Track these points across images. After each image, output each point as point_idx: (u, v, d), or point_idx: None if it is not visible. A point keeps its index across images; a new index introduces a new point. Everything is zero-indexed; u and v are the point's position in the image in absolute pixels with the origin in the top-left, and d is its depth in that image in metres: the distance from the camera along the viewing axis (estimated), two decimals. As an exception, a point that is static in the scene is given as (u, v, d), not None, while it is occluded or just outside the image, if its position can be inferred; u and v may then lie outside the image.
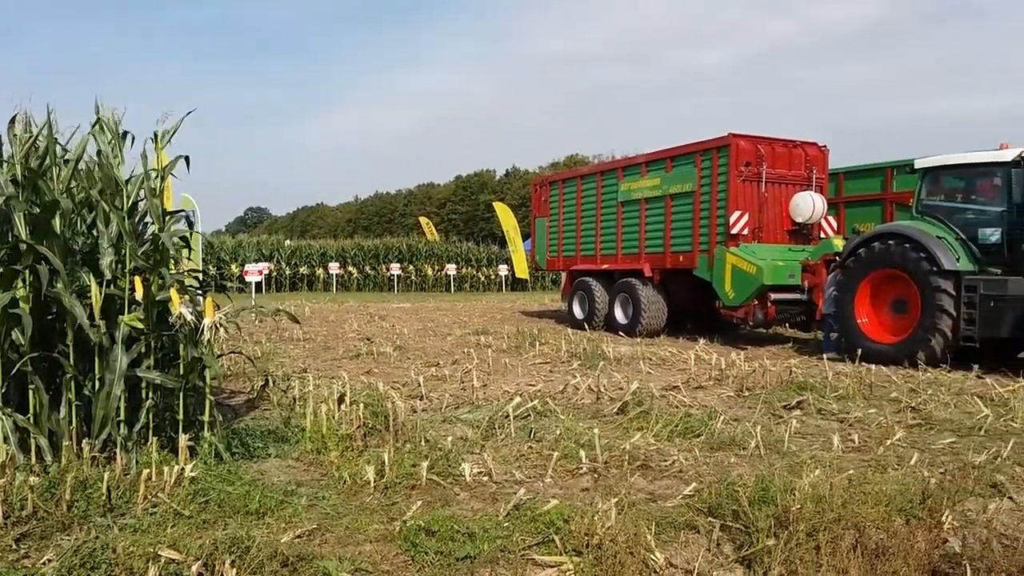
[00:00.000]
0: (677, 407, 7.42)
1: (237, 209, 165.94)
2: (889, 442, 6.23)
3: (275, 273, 35.20)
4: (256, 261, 32.99)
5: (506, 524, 4.15)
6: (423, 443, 5.78)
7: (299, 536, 4.02)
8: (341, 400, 6.26)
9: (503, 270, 38.81)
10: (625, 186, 16.17)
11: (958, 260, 10.51)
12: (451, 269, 37.95)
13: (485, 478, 5.08)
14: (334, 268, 35.69)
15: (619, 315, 15.80)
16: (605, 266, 16.72)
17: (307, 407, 6.18)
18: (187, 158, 5.71)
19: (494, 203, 39.20)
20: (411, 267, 38.25)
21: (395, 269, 36.84)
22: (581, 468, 5.33)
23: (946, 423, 7.02)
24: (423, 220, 54.91)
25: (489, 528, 4.05)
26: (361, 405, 6.15)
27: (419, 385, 8.27)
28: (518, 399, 7.09)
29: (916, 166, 11.79)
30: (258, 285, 28.57)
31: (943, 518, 4.42)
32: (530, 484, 4.99)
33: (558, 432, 6.17)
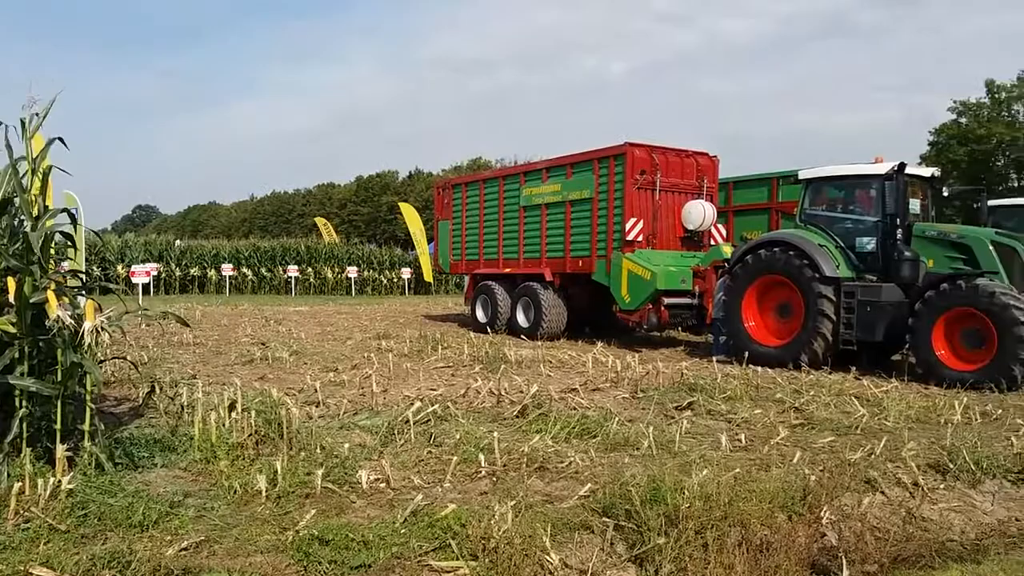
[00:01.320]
0: (575, 409, 7.55)
1: (125, 207, 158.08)
2: (774, 441, 6.53)
3: (164, 274, 33.67)
4: (144, 262, 31.50)
5: (403, 531, 4.11)
6: (319, 450, 5.66)
7: (185, 549, 3.86)
8: (232, 407, 6.06)
9: (406, 273, 38.46)
10: (527, 191, 16.36)
11: (838, 267, 11.13)
12: (352, 272, 37.26)
13: (383, 485, 5.02)
14: (227, 270, 34.45)
15: (521, 319, 15.95)
16: (507, 270, 16.85)
17: (196, 415, 5.94)
18: (61, 139, 5.35)
19: (400, 204, 38.82)
20: (310, 269, 37.33)
21: (293, 271, 35.88)
22: (480, 472, 5.35)
23: (826, 422, 7.41)
24: (320, 221, 53.69)
25: (385, 535, 4.00)
26: (253, 412, 5.97)
27: (316, 391, 8.09)
28: (418, 404, 7.06)
29: (800, 177, 12.43)
30: (145, 287, 27.30)
31: (822, 513, 4.68)
32: (428, 490, 4.97)
33: (458, 436, 6.17)
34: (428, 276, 34.21)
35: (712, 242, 14.74)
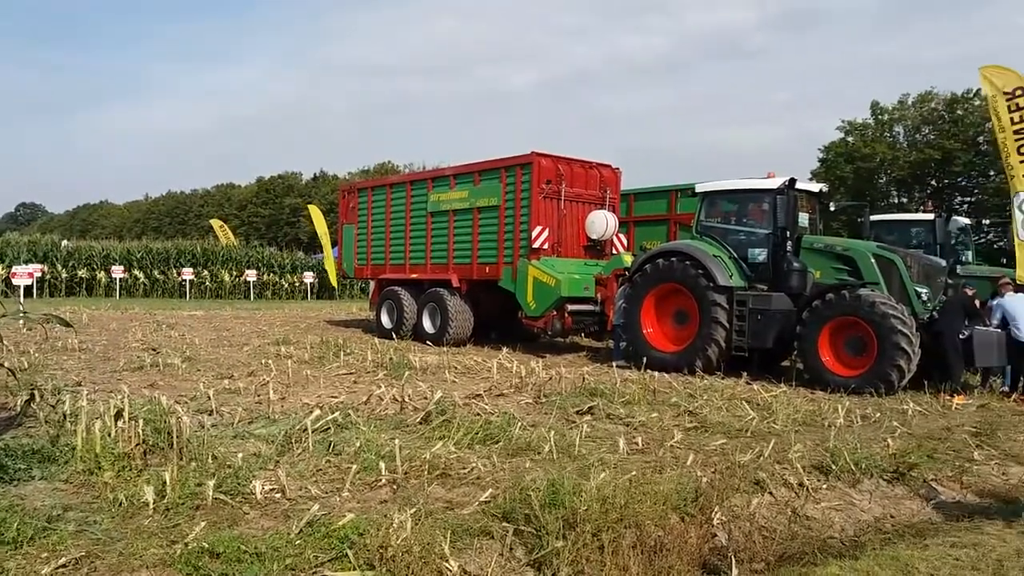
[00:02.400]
0: (479, 415, 7.55)
1: (7, 205, 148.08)
2: (669, 444, 6.73)
3: (49, 276, 31.78)
4: (27, 262, 29.63)
5: (298, 542, 4.02)
6: (211, 460, 5.46)
7: (64, 566, 3.66)
8: (119, 416, 5.78)
9: (308, 277, 37.62)
10: (435, 197, 16.31)
11: (731, 277, 11.58)
12: (251, 275, 36.12)
13: (278, 495, 4.89)
14: (118, 272, 32.80)
15: (427, 324, 15.87)
16: (414, 275, 16.74)
17: (79, 424, 5.63)
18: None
19: (309, 207, 37.87)
20: (206, 272, 35.96)
21: (188, 274, 34.49)
22: (380, 480, 5.29)
23: (719, 426, 7.69)
24: (215, 223, 51.83)
25: (279, 547, 3.90)
26: (141, 421, 5.72)
27: (209, 399, 7.80)
28: (318, 412, 6.91)
29: (696, 190, 12.89)
30: (27, 289, 25.66)
31: (713, 514, 4.86)
32: (326, 499, 4.87)
33: (358, 444, 6.07)
34: (334, 280, 33.58)
35: (614, 251, 15.09)
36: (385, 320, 16.96)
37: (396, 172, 67.27)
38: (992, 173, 40.35)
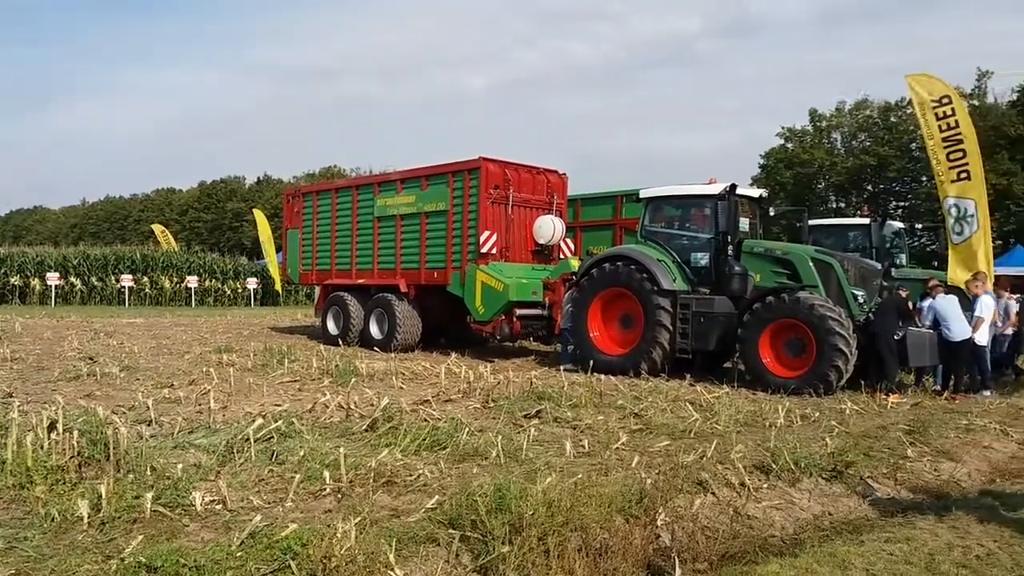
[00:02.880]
0: (426, 421, 7.52)
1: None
2: (614, 446, 6.80)
3: (-23, 284, 30.59)
4: (-48, 270, 28.46)
5: (239, 554, 3.94)
6: (149, 472, 5.32)
7: (-9, 586, 3.52)
8: (52, 427, 5.60)
9: (251, 283, 36.95)
10: (381, 201, 16.20)
11: (675, 281, 11.77)
12: (192, 282, 35.30)
13: (219, 506, 4.79)
14: (53, 279, 31.69)
15: (375, 330, 15.74)
16: (361, 281, 16.58)
17: (9, 436, 5.43)
18: None
19: (254, 211, 37.16)
20: (145, 279, 34.98)
21: (127, 281, 33.50)
22: (325, 489, 5.21)
23: (663, 427, 7.80)
24: (157, 228, 50.60)
25: (220, 559, 3.82)
26: (76, 432, 5.53)
27: (148, 408, 7.60)
28: (260, 420, 6.79)
29: (641, 196, 13.07)
30: (-46, 297, 24.66)
31: (657, 515, 4.92)
32: (269, 510, 4.79)
33: (302, 453, 5.98)
34: (279, 286, 33.06)
35: (561, 256, 15.20)
36: (331, 326, 16.76)
37: (342, 176, 66.57)
38: (924, 179, 41.89)
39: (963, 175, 12.46)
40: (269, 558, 3.87)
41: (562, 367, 12.42)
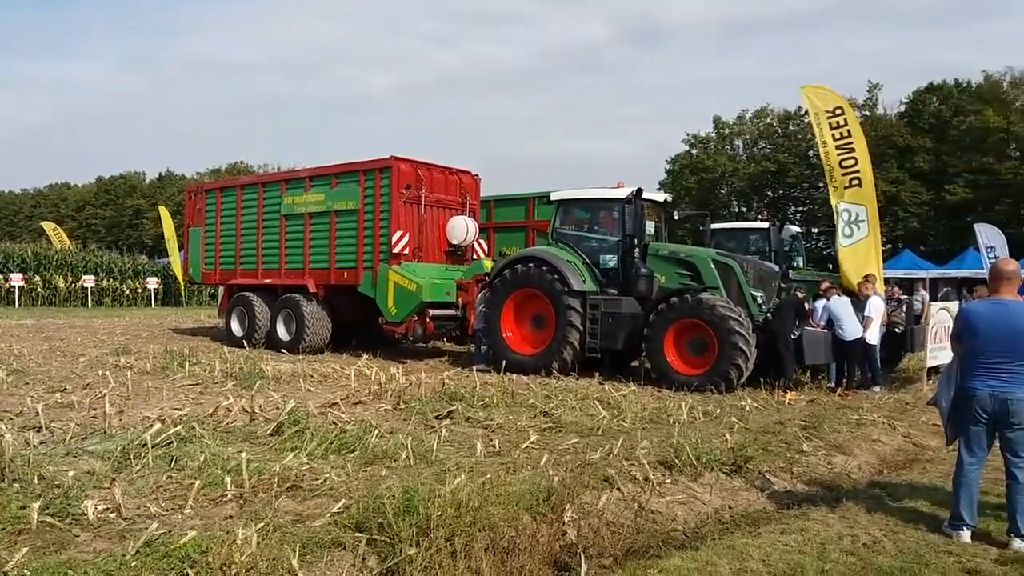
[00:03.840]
0: (335, 424, 7.40)
1: None
2: (524, 445, 6.85)
3: None
4: None
5: (134, 563, 3.78)
6: (36, 481, 5.04)
7: None
8: (-74, 437, 5.23)
9: (152, 283, 35.47)
10: (289, 199, 15.84)
11: (584, 282, 11.97)
12: (88, 281, 33.60)
13: (113, 515, 4.59)
14: (-68, 277, 29.65)
15: (282, 332, 15.37)
16: (267, 281, 16.16)
17: None
18: None
19: (159, 207, 35.65)
20: (37, 278, 33.07)
21: (16, 280, 31.61)
22: (226, 495, 5.07)
23: (572, 425, 7.92)
24: (47, 225, 47.97)
25: (112, 569, 3.66)
26: (-46, 442, 5.20)
27: (38, 414, 7.19)
28: (159, 425, 6.54)
29: (551, 198, 13.23)
30: None
31: (564, 512, 4.98)
32: (167, 517, 4.62)
33: (203, 458, 5.78)
34: (181, 286, 31.89)
35: (474, 256, 15.23)
36: (236, 328, 16.26)
37: (250, 173, 64.77)
38: (821, 185, 44.02)
39: (855, 182, 13.13)
40: (166, 567, 3.73)
41: (475, 367, 12.44)
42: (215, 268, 17.59)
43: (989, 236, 21.69)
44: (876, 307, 11.74)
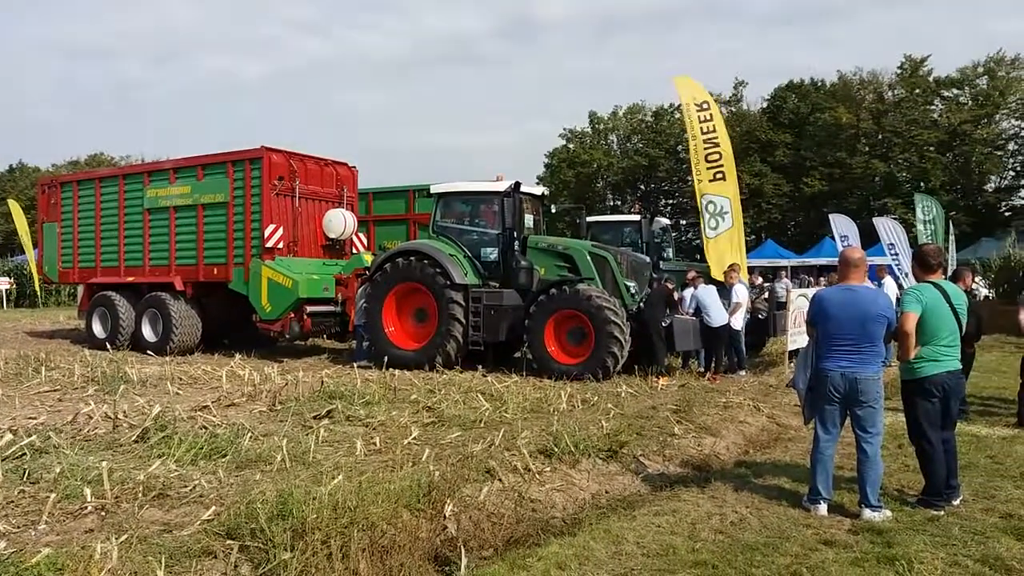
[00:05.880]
0: (205, 428, 7.11)
1: None
2: (406, 441, 6.82)
3: None
4: None
5: (-22, 588, 3.51)
6: None
7: None
8: None
9: (3, 283, 32.85)
10: (152, 192, 15.02)
11: (466, 275, 12.01)
12: (-73, 282, 30.80)
13: (-46, 537, 4.23)
14: None
15: (147, 332, 14.59)
16: (130, 279, 15.29)
17: None
18: None
19: (9, 202, 32.90)
20: None
21: None
22: (86, 508, 4.77)
23: (455, 419, 7.93)
24: None
25: (-47, 598, 3.39)
26: None
27: None
28: (10, 436, 6.09)
29: (432, 191, 13.18)
30: None
31: (444, 507, 4.99)
32: (17, 535, 4.31)
33: (59, 470, 5.42)
34: (37, 286, 29.65)
35: (354, 250, 14.96)
36: (97, 329, 15.30)
37: (111, 164, 60.95)
38: (689, 179, 45.95)
39: (719, 175, 13.78)
40: (16, 590, 3.48)
41: (356, 364, 12.25)
42: (73, 266, 16.46)
43: (843, 226, 23.17)
44: (741, 294, 12.39)
